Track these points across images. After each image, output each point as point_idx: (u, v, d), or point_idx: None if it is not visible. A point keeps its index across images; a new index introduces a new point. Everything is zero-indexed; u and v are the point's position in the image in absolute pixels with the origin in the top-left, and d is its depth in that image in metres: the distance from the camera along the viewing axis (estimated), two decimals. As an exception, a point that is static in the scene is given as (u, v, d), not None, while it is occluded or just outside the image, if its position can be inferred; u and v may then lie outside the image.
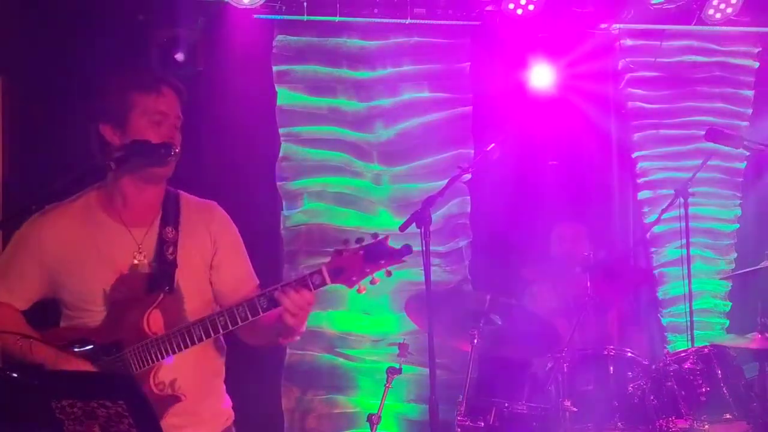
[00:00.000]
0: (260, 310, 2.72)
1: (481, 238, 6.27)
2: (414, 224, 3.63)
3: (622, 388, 4.33)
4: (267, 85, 6.09)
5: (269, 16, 6.00)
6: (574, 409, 4.20)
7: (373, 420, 4.57)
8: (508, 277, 5.34)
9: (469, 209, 6.28)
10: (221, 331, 2.78)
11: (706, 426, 4.22)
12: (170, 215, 2.98)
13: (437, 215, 5.95)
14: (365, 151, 6.22)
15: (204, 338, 2.78)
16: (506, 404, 4.47)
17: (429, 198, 3.72)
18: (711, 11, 6.24)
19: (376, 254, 2.69)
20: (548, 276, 5.36)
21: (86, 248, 2.89)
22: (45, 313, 3.05)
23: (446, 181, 3.96)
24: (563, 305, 5.42)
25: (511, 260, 5.64)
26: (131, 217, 2.93)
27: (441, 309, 4.48)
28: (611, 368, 4.40)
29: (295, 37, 6.14)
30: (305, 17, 5.98)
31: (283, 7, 5.94)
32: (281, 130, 6.11)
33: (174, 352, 2.78)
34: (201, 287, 3.01)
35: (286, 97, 6.14)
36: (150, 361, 2.78)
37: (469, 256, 6.26)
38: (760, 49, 6.68)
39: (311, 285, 2.72)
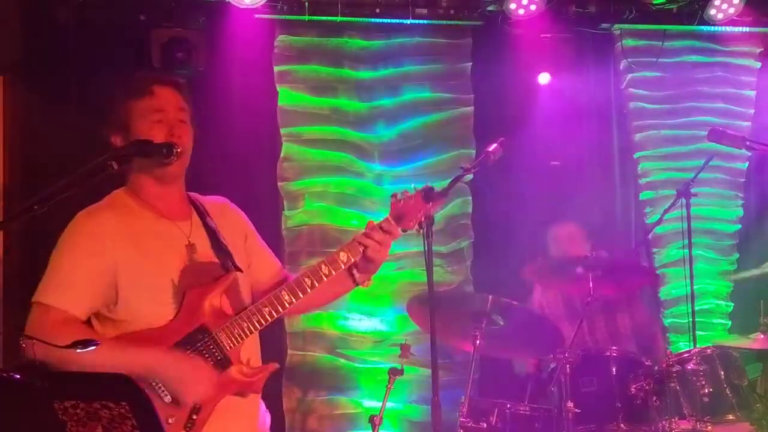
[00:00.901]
0: (341, 263, 3.01)
1: (482, 239, 6.27)
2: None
3: (625, 389, 4.31)
4: (268, 85, 6.09)
5: (271, 16, 5.99)
6: (577, 410, 4.18)
7: (374, 421, 4.56)
8: (510, 277, 5.33)
9: (470, 210, 6.27)
10: (308, 290, 2.96)
11: (709, 427, 4.21)
12: (200, 209, 3.05)
13: (439, 216, 5.92)
14: (367, 152, 6.22)
15: (293, 301, 2.93)
16: (509, 405, 4.47)
17: (431, 198, 3.71)
18: (713, 11, 6.23)
19: (430, 196, 3.15)
20: (550, 276, 5.34)
21: (145, 245, 2.85)
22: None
23: (448, 181, 3.94)
24: (565, 306, 5.41)
25: (513, 261, 5.63)
26: (171, 212, 2.95)
27: (443, 309, 4.48)
28: (614, 369, 4.38)
29: (296, 37, 6.14)
30: (307, 17, 5.97)
31: (285, 7, 5.93)
32: (282, 130, 6.11)
33: (266, 322, 2.90)
34: (246, 270, 3.08)
35: (287, 97, 6.13)
36: (241, 337, 2.86)
37: (470, 256, 6.25)
38: (762, 49, 6.68)
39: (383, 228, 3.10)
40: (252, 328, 2.88)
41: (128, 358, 2.68)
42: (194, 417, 2.76)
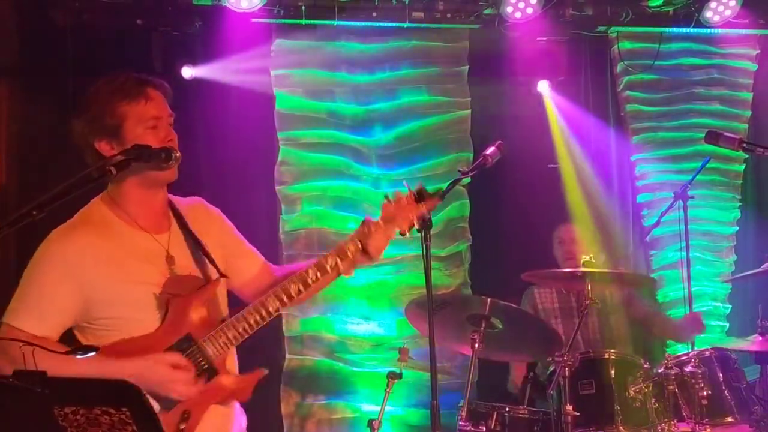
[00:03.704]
0: (329, 267, 3.01)
1: (480, 242, 6.26)
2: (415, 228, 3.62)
3: (624, 392, 4.31)
4: (265, 89, 6.08)
5: (267, 20, 5.98)
6: (576, 414, 4.18)
7: (373, 425, 4.54)
8: (509, 280, 5.33)
9: (468, 213, 6.27)
10: (294, 297, 2.93)
11: (708, 429, 4.21)
12: (179, 215, 2.98)
13: (437, 219, 5.94)
14: (364, 155, 6.22)
15: (279, 308, 2.91)
16: (507, 409, 4.46)
17: (429, 201, 3.70)
18: (709, 14, 6.25)
19: (422, 196, 3.08)
20: (548, 279, 5.34)
21: (121, 261, 2.79)
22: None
23: (446, 184, 3.94)
24: (560, 303, 5.41)
25: (511, 263, 5.63)
26: (149, 224, 2.89)
27: (441, 313, 4.47)
28: (612, 372, 4.38)
29: (293, 41, 6.13)
30: (303, 21, 5.98)
31: (281, 11, 5.93)
32: (280, 134, 6.10)
33: (251, 330, 2.87)
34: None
35: (284, 101, 6.13)
36: (227, 346, 2.84)
37: (468, 259, 6.25)
38: (759, 51, 6.69)
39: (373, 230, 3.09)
40: (238, 336, 2.86)
41: (109, 371, 2.64)
42: (182, 427, 2.75)
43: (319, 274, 2.98)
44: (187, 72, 5.80)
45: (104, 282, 2.76)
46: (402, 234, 3.11)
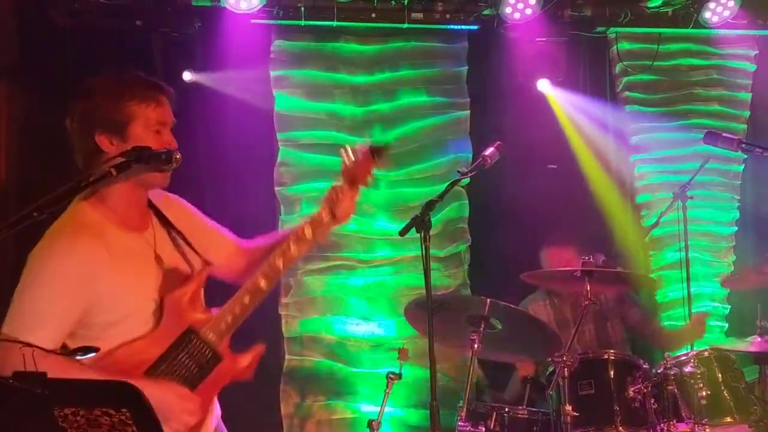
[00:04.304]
0: (307, 237, 3.07)
1: (480, 242, 6.27)
2: (413, 228, 3.62)
3: (623, 393, 4.31)
4: (264, 90, 6.08)
5: (266, 21, 5.98)
6: (575, 414, 4.18)
7: (373, 426, 4.54)
8: (508, 281, 5.32)
9: (467, 213, 6.27)
10: (282, 271, 3.01)
11: (707, 429, 4.20)
12: (157, 210, 3.00)
13: (436, 219, 5.94)
14: (363, 156, 6.20)
15: (270, 285, 2.97)
16: (507, 409, 4.47)
17: (428, 202, 3.70)
18: (708, 14, 6.25)
19: (379, 152, 3.13)
20: (548, 279, 5.34)
21: (118, 265, 2.78)
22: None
23: (445, 185, 3.95)
24: (560, 320, 5.41)
25: (510, 264, 5.62)
26: (134, 223, 2.90)
27: (441, 313, 4.47)
28: (612, 372, 4.38)
29: (292, 42, 6.14)
30: (302, 22, 5.98)
31: (281, 12, 5.92)
32: (279, 135, 6.11)
33: (246, 311, 2.94)
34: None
35: (283, 102, 6.13)
36: (228, 331, 2.91)
37: (468, 260, 6.25)
38: (757, 51, 6.69)
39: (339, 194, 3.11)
40: (236, 319, 2.93)
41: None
42: None
43: (297, 246, 3.05)
44: (187, 73, 5.80)
45: (104, 288, 2.74)
46: (365, 186, 3.16)
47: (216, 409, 3.07)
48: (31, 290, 2.70)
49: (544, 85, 6.28)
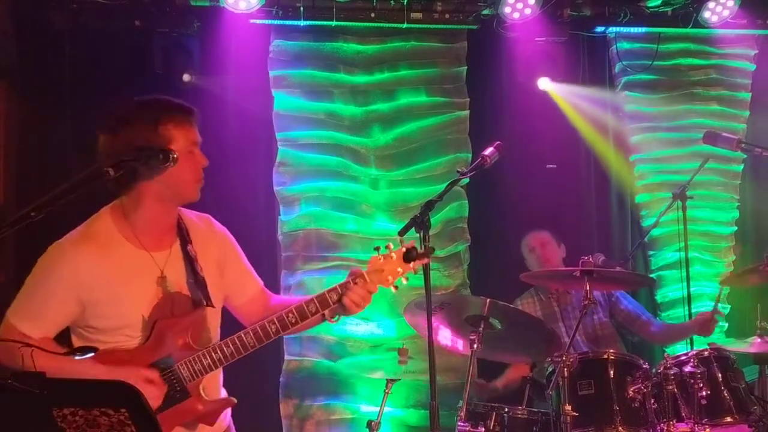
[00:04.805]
0: (309, 313, 3.10)
1: (479, 242, 6.26)
2: (413, 228, 3.62)
3: (623, 392, 4.31)
4: (264, 90, 6.08)
5: (266, 21, 5.98)
6: (575, 414, 4.18)
7: (372, 426, 4.55)
8: (507, 281, 5.33)
9: (467, 213, 6.27)
10: (273, 337, 3.09)
11: (707, 429, 4.19)
12: (184, 234, 3.14)
13: (435, 219, 5.94)
14: (363, 156, 6.21)
15: (256, 345, 3.08)
16: (506, 409, 4.46)
17: (428, 202, 3.71)
18: (707, 14, 6.24)
19: (410, 256, 3.12)
20: (546, 280, 5.35)
21: (116, 277, 2.97)
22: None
23: (444, 185, 3.95)
24: (547, 314, 5.41)
25: (509, 264, 5.63)
26: (151, 242, 3.05)
27: (440, 313, 4.48)
28: (611, 372, 4.37)
29: (291, 42, 6.13)
30: (302, 22, 5.97)
31: (280, 12, 5.92)
32: (278, 135, 6.10)
33: (226, 361, 3.05)
34: (220, 298, 3.23)
35: (283, 102, 6.13)
36: (201, 372, 3.02)
37: (467, 260, 6.25)
38: (757, 51, 6.69)
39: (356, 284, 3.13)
40: (213, 365, 3.03)
41: (92, 373, 2.83)
42: None
43: (298, 319, 3.10)
44: (186, 74, 5.79)
45: (98, 297, 2.95)
46: (385, 287, 3.17)
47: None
48: (32, 286, 2.99)
49: (544, 83, 6.27)
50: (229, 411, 3.27)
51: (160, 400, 2.94)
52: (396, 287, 3.15)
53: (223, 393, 3.27)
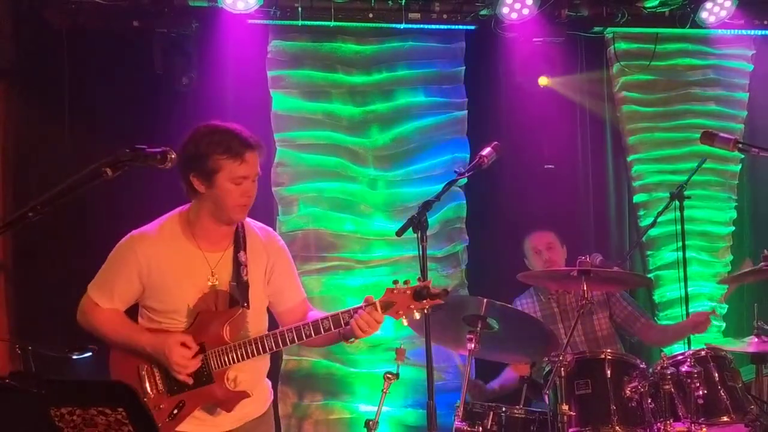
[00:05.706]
0: (322, 329, 3.43)
1: (477, 243, 6.27)
2: (411, 229, 3.64)
3: (620, 392, 4.31)
4: (262, 91, 6.08)
5: (264, 21, 5.98)
6: (572, 413, 4.19)
7: (370, 426, 4.54)
8: (505, 281, 5.33)
9: (465, 214, 6.27)
10: (289, 344, 3.45)
11: (704, 429, 4.20)
12: (240, 241, 3.54)
13: (433, 220, 5.94)
14: (361, 156, 6.22)
15: (274, 348, 3.47)
16: (504, 409, 4.47)
17: (426, 202, 3.72)
18: (705, 14, 6.24)
19: (421, 295, 3.33)
20: (544, 280, 5.35)
21: (173, 269, 3.47)
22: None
23: (442, 185, 3.96)
24: (546, 315, 5.41)
25: (507, 264, 5.63)
26: (207, 244, 3.51)
27: (438, 313, 4.48)
28: (608, 371, 4.38)
29: (289, 42, 6.13)
30: (300, 22, 5.97)
31: (278, 12, 5.92)
32: (276, 136, 6.10)
33: (248, 357, 3.44)
34: (263, 302, 3.65)
35: (281, 102, 6.13)
36: (227, 363, 3.43)
37: (465, 260, 6.25)
38: (754, 51, 6.70)
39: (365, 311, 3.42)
40: (238, 358, 3.43)
41: (136, 336, 3.49)
42: (175, 412, 3.41)
43: (312, 332, 3.44)
44: (185, 76, 5.79)
45: (154, 282, 3.48)
46: (395, 318, 3.41)
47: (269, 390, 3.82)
48: (107, 265, 3.57)
49: (544, 81, 6.28)
50: (269, 400, 3.80)
51: (191, 364, 3.38)
52: (405, 321, 3.40)
53: (267, 383, 3.81)
